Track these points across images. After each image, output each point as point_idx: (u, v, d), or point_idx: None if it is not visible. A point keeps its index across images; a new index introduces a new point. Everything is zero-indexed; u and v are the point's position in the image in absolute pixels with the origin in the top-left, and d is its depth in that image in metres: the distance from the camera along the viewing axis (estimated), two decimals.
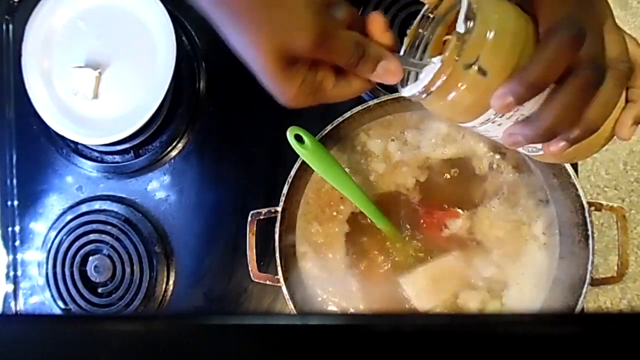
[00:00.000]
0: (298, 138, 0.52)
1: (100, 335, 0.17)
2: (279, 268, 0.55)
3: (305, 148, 0.52)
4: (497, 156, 0.58)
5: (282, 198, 0.56)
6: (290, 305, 0.55)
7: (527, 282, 0.57)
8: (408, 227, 0.58)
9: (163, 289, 0.69)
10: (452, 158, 0.59)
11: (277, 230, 0.56)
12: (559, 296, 0.55)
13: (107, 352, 0.16)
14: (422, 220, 0.58)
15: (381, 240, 0.59)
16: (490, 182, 0.58)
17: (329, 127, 0.55)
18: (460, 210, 0.58)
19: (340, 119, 0.55)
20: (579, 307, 0.51)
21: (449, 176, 0.59)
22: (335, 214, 0.60)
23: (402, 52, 0.37)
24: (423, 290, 0.57)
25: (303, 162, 0.55)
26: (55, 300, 0.72)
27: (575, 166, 0.56)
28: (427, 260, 0.58)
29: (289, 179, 0.56)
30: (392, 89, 0.62)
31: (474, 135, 0.59)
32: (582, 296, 0.51)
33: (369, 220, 0.58)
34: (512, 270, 0.57)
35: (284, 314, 0.59)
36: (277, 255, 0.55)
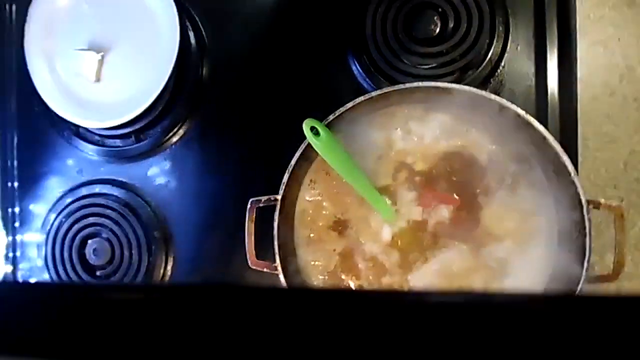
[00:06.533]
0: (312, 130, 0.53)
1: (99, 303, 0.17)
2: (277, 256, 0.55)
3: (319, 140, 0.54)
4: (500, 148, 0.58)
5: (282, 187, 0.56)
6: None
7: (524, 278, 0.57)
8: (411, 217, 0.59)
9: (161, 274, 0.69)
10: (455, 150, 0.59)
11: (276, 218, 0.56)
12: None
13: (105, 318, 0.16)
14: (424, 210, 0.58)
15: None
16: (493, 174, 0.58)
17: (331, 117, 0.55)
18: (460, 199, 0.58)
19: (342, 109, 0.55)
20: None
21: (452, 167, 0.59)
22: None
23: None
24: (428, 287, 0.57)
25: (303, 152, 0.55)
26: (53, 282, 0.72)
27: (575, 164, 0.56)
28: (431, 253, 0.58)
29: (290, 168, 0.56)
30: (395, 80, 0.62)
31: (478, 128, 0.58)
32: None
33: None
34: (510, 266, 0.57)
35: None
36: (275, 243, 0.55)
